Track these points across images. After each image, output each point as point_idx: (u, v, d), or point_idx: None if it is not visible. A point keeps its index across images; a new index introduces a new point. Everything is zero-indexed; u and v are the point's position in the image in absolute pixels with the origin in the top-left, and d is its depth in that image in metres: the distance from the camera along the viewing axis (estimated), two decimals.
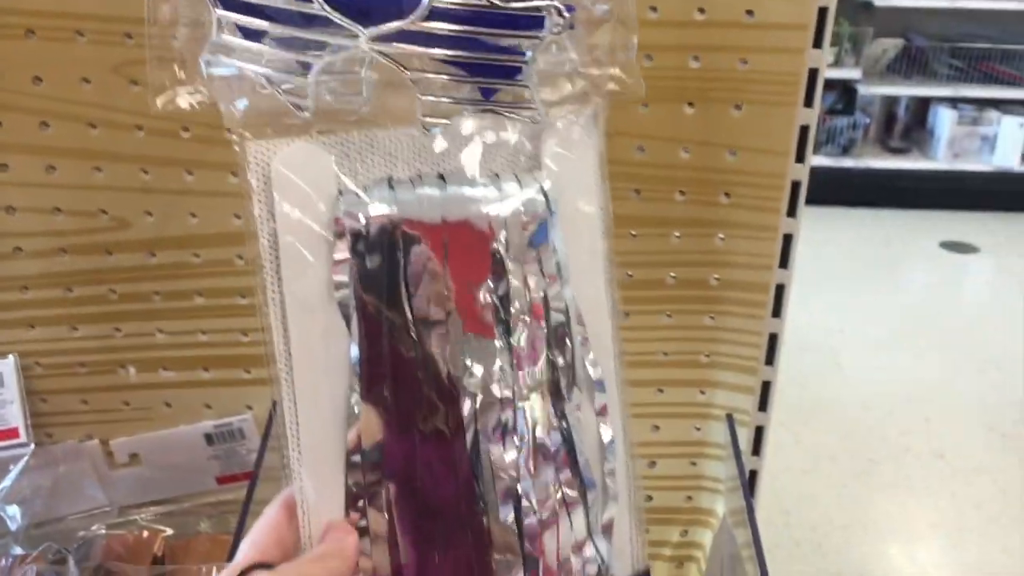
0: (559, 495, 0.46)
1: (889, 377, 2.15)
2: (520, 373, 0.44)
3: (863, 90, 2.86)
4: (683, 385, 0.72)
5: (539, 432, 0.45)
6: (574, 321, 0.46)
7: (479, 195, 0.45)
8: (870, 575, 1.57)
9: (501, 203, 0.45)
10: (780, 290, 0.68)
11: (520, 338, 0.45)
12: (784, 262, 0.68)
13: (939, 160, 2.85)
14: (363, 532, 0.43)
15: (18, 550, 0.70)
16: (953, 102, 2.82)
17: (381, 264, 0.43)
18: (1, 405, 0.72)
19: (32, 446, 0.72)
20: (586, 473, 0.46)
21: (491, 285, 0.44)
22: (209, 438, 0.75)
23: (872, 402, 2.04)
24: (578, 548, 0.46)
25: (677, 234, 0.68)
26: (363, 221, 0.43)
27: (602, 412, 0.48)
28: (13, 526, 0.73)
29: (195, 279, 0.71)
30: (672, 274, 0.69)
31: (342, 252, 0.43)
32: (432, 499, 0.44)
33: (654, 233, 0.68)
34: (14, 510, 0.74)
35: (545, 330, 0.45)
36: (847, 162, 2.86)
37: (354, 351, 0.43)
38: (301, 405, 0.43)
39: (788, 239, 0.67)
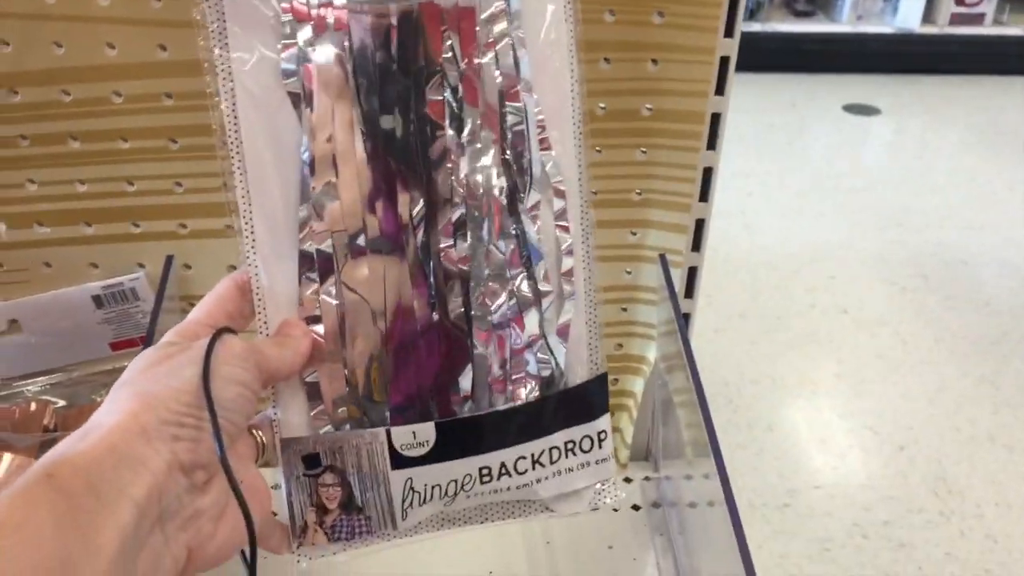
0: (510, 295, 0.47)
1: (795, 238, 2.19)
2: (468, 169, 0.45)
3: None
4: (614, 226, 0.68)
5: (490, 232, 0.46)
6: (532, 124, 0.45)
7: None
8: (778, 425, 1.62)
9: None
10: (716, 119, 0.64)
11: (469, 133, 0.44)
12: (720, 88, 0.63)
13: (843, 22, 2.84)
14: (315, 320, 0.45)
15: None
16: None
17: (332, 55, 0.43)
18: None
19: None
20: (538, 272, 0.47)
21: (444, 77, 0.44)
22: (98, 300, 0.68)
23: (779, 262, 2.07)
24: (530, 347, 0.47)
25: (606, 59, 0.63)
26: (314, 9, 0.43)
27: (560, 216, 0.47)
28: None
29: (66, 120, 0.63)
30: (601, 104, 0.64)
31: (290, 39, 0.43)
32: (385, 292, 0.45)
33: (582, 59, 0.63)
34: None
35: (499, 129, 0.45)
36: (755, 26, 2.82)
37: (304, 143, 0.43)
38: (254, 196, 0.44)
39: (724, 62, 0.62)
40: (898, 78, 2.91)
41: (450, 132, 0.45)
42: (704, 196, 0.66)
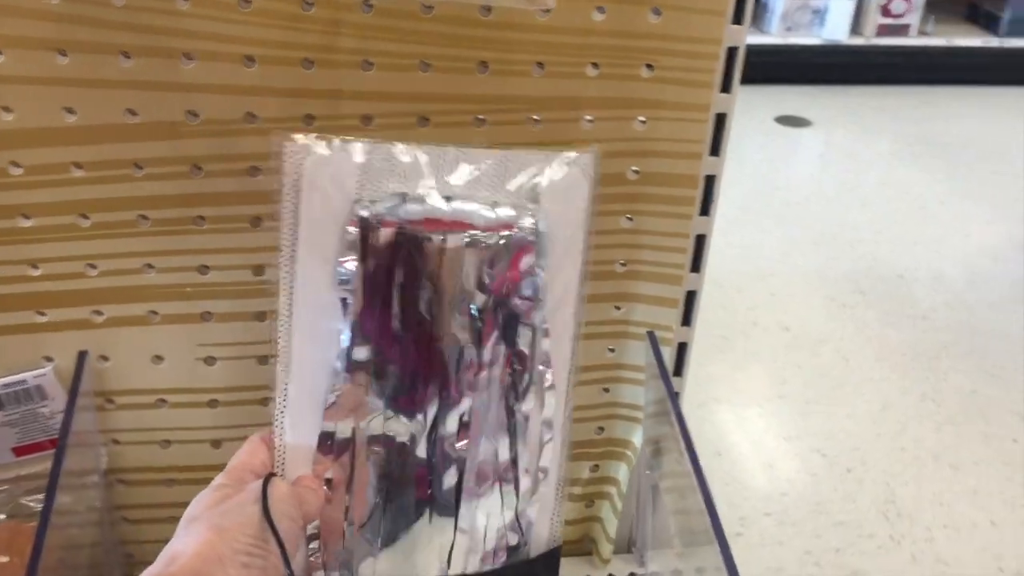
0: (497, 479, 0.54)
1: (736, 254, 2.16)
2: (480, 377, 0.52)
3: None
4: (597, 300, 0.61)
5: (487, 428, 0.53)
6: (540, 337, 0.53)
7: (478, 218, 0.51)
8: (726, 451, 1.58)
9: (495, 228, 0.51)
10: (710, 182, 0.58)
11: (486, 349, 0.52)
12: (715, 148, 0.57)
13: (772, 34, 2.84)
14: (327, 482, 0.52)
15: None
16: None
17: (379, 267, 0.50)
18: None
19: None
20: (521, 466, 0.55)
21: (473, 298, 0.51)
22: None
23: (722, 279, 2.05)
24: (506, 525, 0.55)
25: (589, 118, 0.55)
26: (373, 226, 0.50)
27: (547, 423, 0.54)
28: None
29: None
30: None
31: (351, 250, 0.50)
32: (387, 467, 0.53)
33: (559, 119, 0.55)
34: None
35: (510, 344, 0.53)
36: None
37: (345, 333, 0.51)
38: (294, 371, 0.51)
39: (720, 119, 0.56)
40: (827, 89, 2.92)
41: (470, 346, 0.52)
42: (696, 266, 0.60)
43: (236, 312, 0.59)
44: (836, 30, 2.79)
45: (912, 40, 2.85)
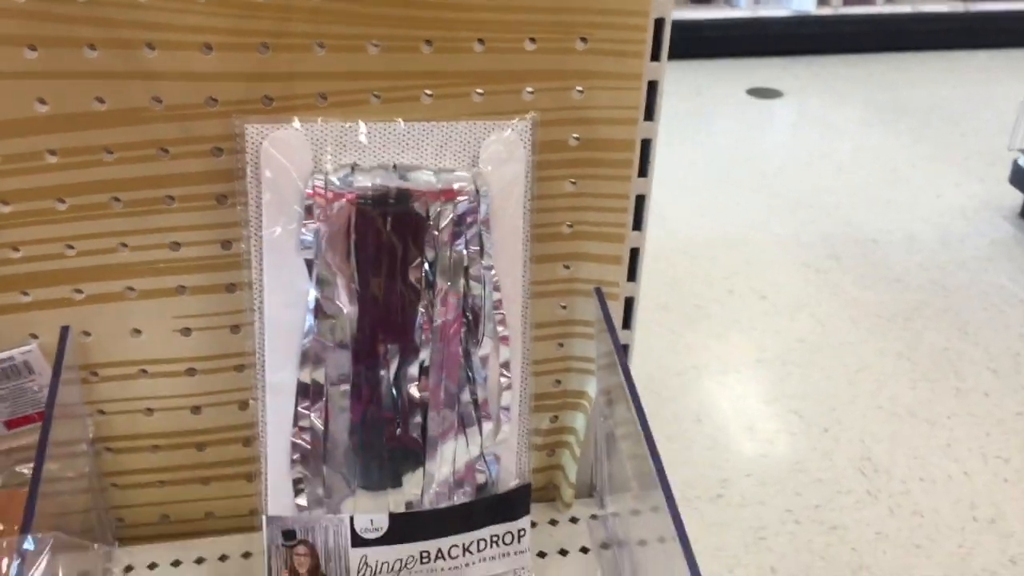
0: (457, 420, 0.62)
1: (710, 224, 2.20)
2: (436, 327, 0.60)
3: None
4: (546, 260, 0.65)
5: (448, 374, 0.61)
6: (489, 287, 0.60)
7: (424, 184, 0.58)
8: (706, 415, 1.62)
9: (441, 195, 0.58)
10: (646, 146, 0.62)
11: (438, 301, 0.59)
12: (650, 114, 0.61)
13: (742, 7, 2.87)
14: (306, 430, 0.60)
15: None
16: None
17: (336, 232, 0.57)
18: None
19: None
20: (483, 409, 0.62)
21: (424, 255, 0.59)
22: None
23: (696, 250, 2.09)
24: (471, 463, 0.63)
25: (529, 89, 0.59)
26: (329, 195, 0.57)
27: (505, 365, 0.62)
28: None
29: None
30: None
31: (310, 218, 0.57)
32: (358, 412, 0.60)
33: (502, 91, 0.59)
34: None
35: (463, 295, 0.60)
36: None
37: (311, 293, 0.58)
38: (268, 328, 0.59)
39: (653, 87, 0.60)
40: (797, 60, 2.97)
41: (423, 299, 0.59)
42: (638, 225, 0.64)
43: (208, 285, 0.63)
44: (804, 1, 2.83)
45: (879, 8, 2.89)
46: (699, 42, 2.85)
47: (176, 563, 0.70)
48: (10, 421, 0.64)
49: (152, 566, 0.69)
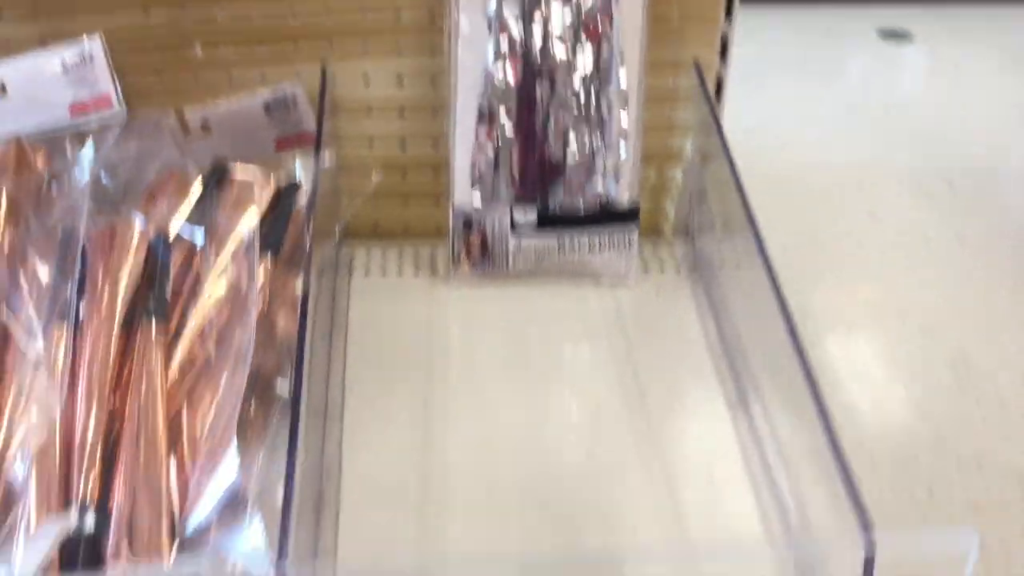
0: (590, 147, 0.86)
1: (831, 157, 2.33)
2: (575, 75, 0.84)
3: None
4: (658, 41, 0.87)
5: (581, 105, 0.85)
6: (617, 48, 0.83)
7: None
8: (819, 312, 1.78)
9: None
10: None
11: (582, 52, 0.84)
12: None
13: None
14: (482, 148, 0.86)
15: None
16: None
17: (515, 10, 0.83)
18: (94, 79, 0.85)
19: (124, 109, 0.86)
20: (608, 137, 0.86)
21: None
22: (267, 107, 0.90)
23: (814, 178, 2.22)
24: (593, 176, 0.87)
25: None
26: None
27: (622, 94, 0.85)
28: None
29: None
30: None
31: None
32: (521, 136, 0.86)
33: None
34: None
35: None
36: None
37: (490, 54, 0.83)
38: (460, 86, 0.84)
39: None
40: (929, 6, 3.01)
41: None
42: (728, 13, 0.86)
43: (417, 46, 0.89)
44: None
45: None
46: None
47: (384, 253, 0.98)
48: (279, 141, 0.92)
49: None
